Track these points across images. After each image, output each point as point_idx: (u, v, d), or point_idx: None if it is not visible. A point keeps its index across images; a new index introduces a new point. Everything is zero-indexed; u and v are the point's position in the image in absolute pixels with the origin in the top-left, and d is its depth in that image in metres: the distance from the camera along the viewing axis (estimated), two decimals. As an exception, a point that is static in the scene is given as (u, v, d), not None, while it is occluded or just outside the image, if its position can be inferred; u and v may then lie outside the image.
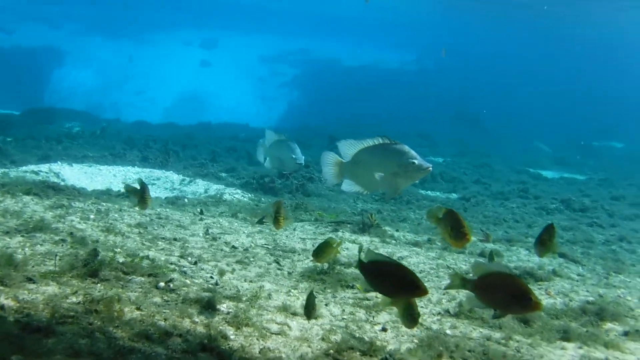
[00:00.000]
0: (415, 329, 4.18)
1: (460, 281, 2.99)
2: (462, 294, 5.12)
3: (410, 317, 3.08)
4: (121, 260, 4.68)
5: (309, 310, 3.51)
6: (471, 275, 3.00)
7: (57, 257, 4.51)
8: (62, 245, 5.02)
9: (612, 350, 4.08)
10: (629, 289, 5.94)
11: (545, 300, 5.19)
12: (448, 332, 4.20)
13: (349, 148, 3.43)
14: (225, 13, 42.26)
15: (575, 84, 35.01)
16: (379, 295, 3.46)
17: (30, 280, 3.90)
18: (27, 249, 4.73)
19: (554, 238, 3.42)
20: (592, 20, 32.30)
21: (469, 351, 3.78)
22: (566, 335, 4.21)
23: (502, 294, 2.78)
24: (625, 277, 6.48)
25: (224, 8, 41.20)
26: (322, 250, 3.71)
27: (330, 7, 38.10)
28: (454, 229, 3.17)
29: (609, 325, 4.62)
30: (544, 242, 3.44)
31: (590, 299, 5.30)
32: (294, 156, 4.65)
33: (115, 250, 5.11)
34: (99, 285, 4.07)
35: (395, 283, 2.84)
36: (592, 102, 33.47)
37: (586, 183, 15.63)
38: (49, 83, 35.87)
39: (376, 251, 2.97)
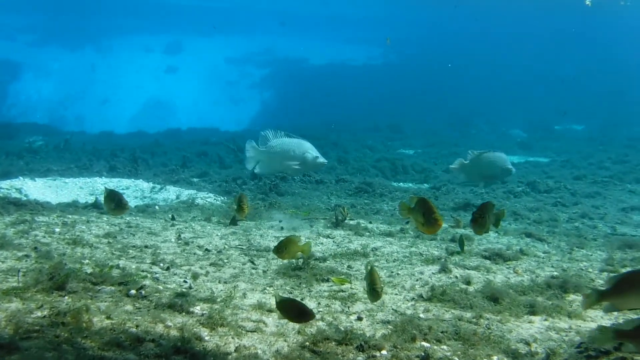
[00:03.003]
0: (390, 315, 4.26)
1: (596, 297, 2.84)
2: (435, 279, 5.23)
3: (373, 291, 3.14)
4: (89, 271, 4.58)
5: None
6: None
7: (21, 273, 4.38)
8: (26, 260, 4.88)
9: (575, 320, 4.26)
10: (590, 261, 6.18)
11: (513, 279, 5.35)
12: (421, 315, 4.28)
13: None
14: (186, 16, 41.71)
15: (538, 69, 36.04)
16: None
17: (-8, 298, 3.78)
18: (-12, 267, 4.58)
19: (487, 215, 3.33)
20: (550, 5, 33.33)
21: (442, 332, 3.87)
22: (532, 309, 4.37)
23: None
24: (587, 251, 6.74)
25: (184, 11, 40.65)
26: (283, 246, 3.75)
27: (292, 4, 38.08)
28: (425, 215, 3.21)
29: (572, 296, 4.80)
30: (476, 220, 3.38)
31: (555, 273, 5.50)
32: (315, 155, 4.62)
33: (83, 261, 5.00)
34: (66, 297, 3.98)
35: None
36: (553, 87, 34.55)
37: (550, 165, 16.16)
38: (6, 97, 34.63)
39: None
